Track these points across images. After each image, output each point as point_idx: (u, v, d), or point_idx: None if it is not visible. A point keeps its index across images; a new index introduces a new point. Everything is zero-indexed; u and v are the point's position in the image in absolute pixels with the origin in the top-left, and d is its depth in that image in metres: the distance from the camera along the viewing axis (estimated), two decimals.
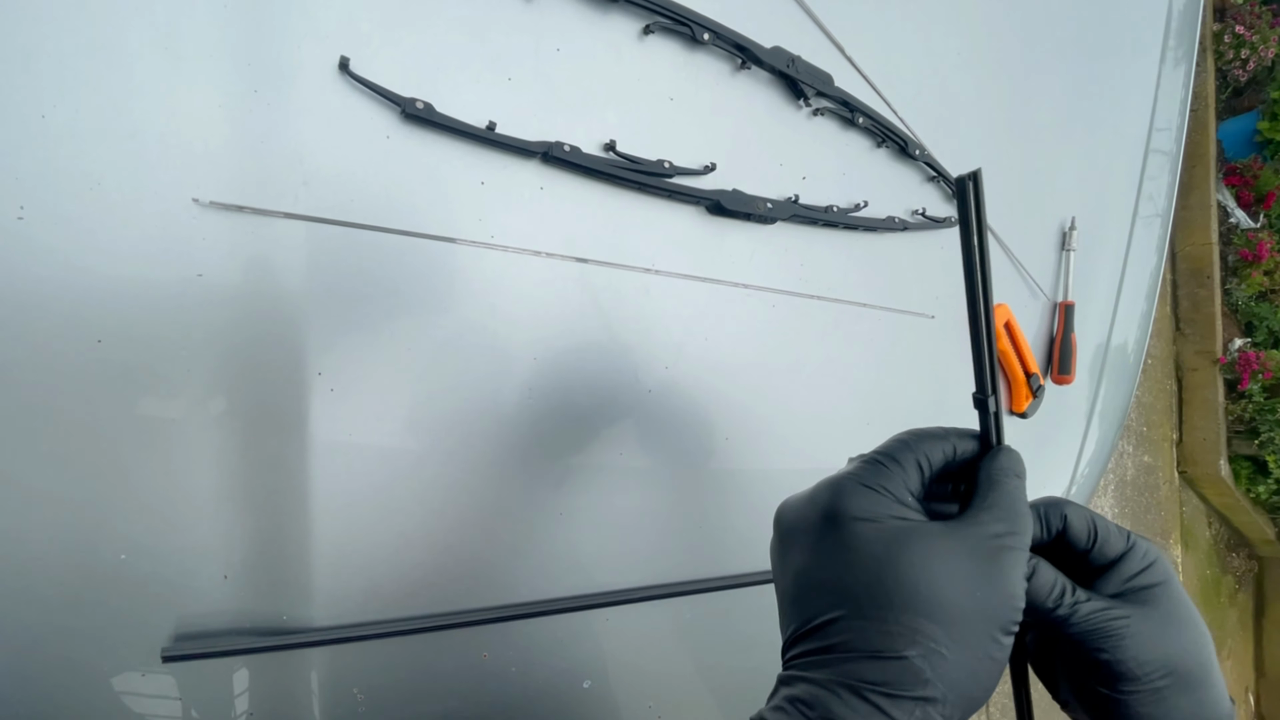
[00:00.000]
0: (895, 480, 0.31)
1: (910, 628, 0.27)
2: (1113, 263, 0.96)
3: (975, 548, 0.29)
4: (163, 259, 0.34)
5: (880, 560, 0.28)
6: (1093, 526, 0.32)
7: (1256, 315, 3.60)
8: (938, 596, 0.27)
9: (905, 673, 0.26)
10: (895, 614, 0.27)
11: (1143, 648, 0.30)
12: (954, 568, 0.28)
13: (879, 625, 0.27)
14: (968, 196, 0.29)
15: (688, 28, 0.46)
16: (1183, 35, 1.03)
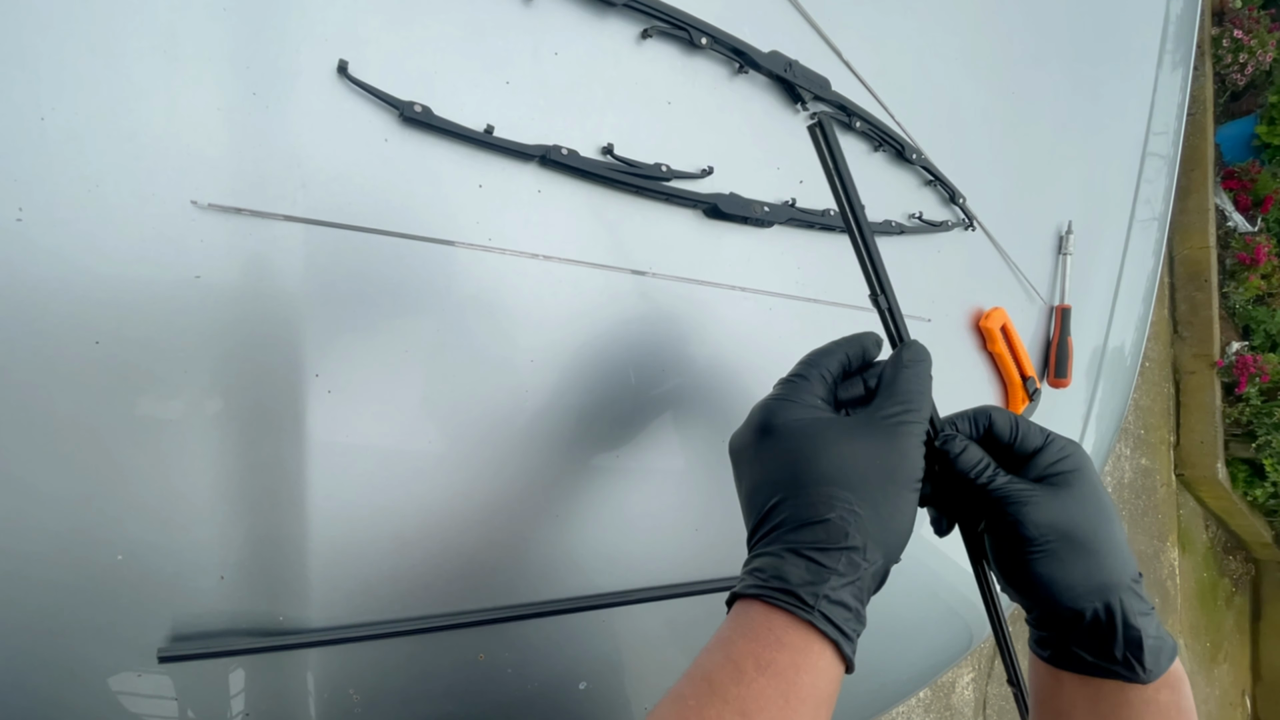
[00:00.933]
0: (805, 390, 0.38)
1: (830, 495, 0.33)
2: (1110, 266, 0.96)
3: (876, 426, 0.36)
4: (161, 261, 0.34)
5: (803, 450, 0.35)
6: (1015, 426, 0.40)
7: (1254, 319, 3.61)
8: (848, 468, 0.34)
9: (831, 530, 0.33)
10: (817, 487, 0.34)
11: (1041, 515, 0.36)
12: (859, 444, 0.35)
13: (806, 499, 0.34)
14: (818, 139, 0.37)
15: (685, 32, 0.46)
16: (1180, 39, 1.04)
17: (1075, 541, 0.36)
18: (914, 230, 0.63)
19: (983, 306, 0.73)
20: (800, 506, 0.34)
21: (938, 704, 2.38)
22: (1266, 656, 4.09)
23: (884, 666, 0.79)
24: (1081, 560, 0.36)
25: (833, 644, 0.31)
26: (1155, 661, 0.36)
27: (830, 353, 0.40)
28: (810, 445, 0.35)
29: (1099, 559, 0.37)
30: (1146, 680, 0.36)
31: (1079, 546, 0.36)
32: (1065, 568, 0.36)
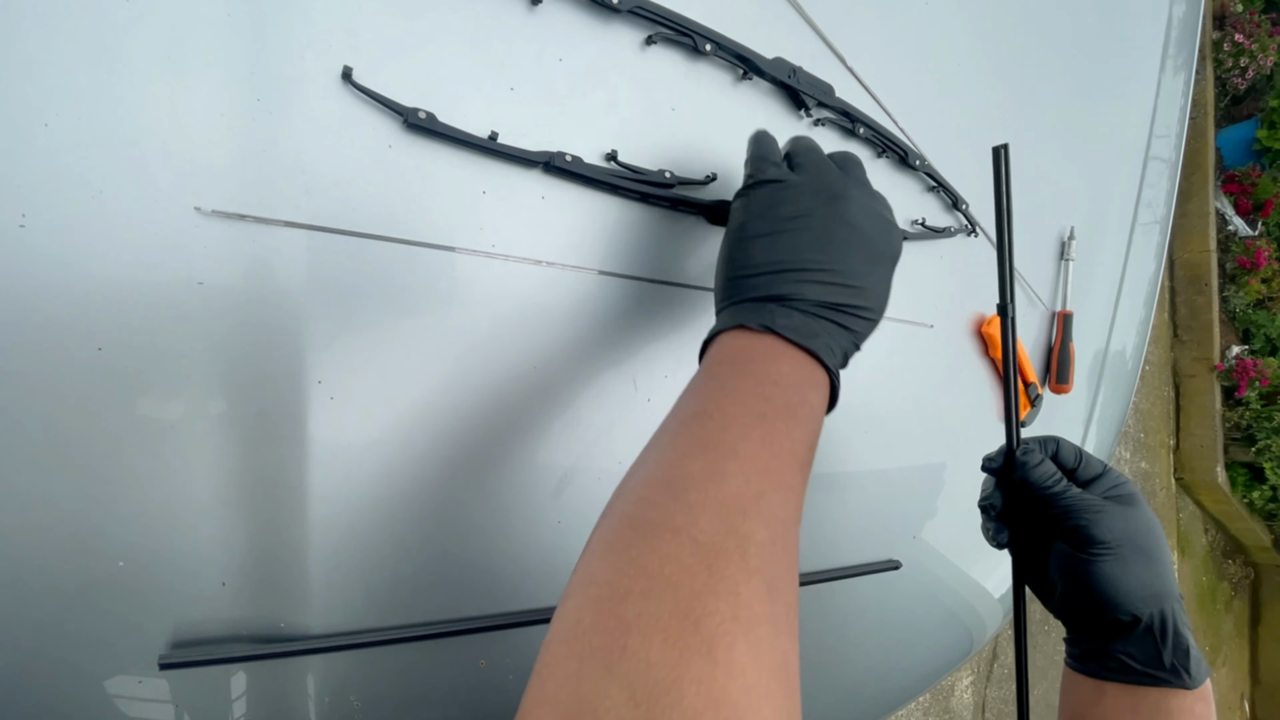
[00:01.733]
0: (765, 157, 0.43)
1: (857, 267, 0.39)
2: (1111, 270, 0.96)
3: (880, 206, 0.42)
4: (164, 267, 0.34)
5: (859, 223, 0.40)
6: (1079, 455, 0.43)
7: (1254, 323, 3.61)
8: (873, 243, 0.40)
9: (860, 295, 0.39)
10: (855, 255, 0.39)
11: (1112, 524, 0.39)
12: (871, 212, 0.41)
13: (841, 264, 0.38)
14: (999, 165, 0.43)
15: (690, 39, 0.46)
16: (1182, 43, 1.04)
17: (1139, 548, 0.39)
18: (917, 236, 0.63)
19: (985, 313, 0.73)
20: (833, 272, 0.37)
21: (936, 707, 2.38)
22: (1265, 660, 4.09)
23: (885, 671, 0.79)
24: (1143, 567, 0.39)
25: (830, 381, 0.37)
26: (1199, 671, 0.39)
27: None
28: (869, 224, 0.39)
29: (1157, 568, 0.39)
30: (1191, 687, 0.38)
31: (1142, 554, 0.39)
32: (1129, 572, 0.39)
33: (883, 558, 0.67)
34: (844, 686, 0.72)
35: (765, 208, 0.38)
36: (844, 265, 0.37)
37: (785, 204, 0.38)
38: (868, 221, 0.39)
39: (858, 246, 0.38)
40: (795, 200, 0.38)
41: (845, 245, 0.37)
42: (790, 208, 0.38)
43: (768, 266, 0.37)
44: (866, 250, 0.38)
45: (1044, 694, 2.85)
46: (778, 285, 0.37)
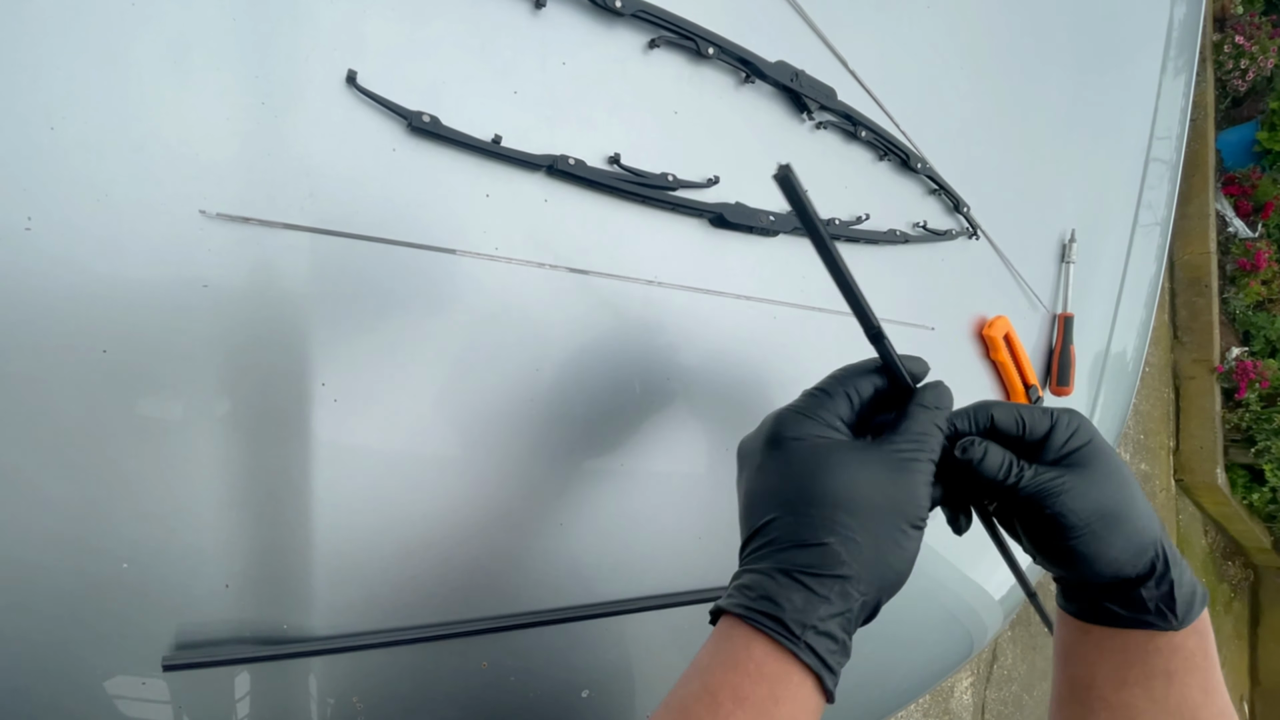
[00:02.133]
0: (826, 408, 0.36)
1: (830, 519, 0.32)
2: (1112, 271, 0.96)
3: (885, 459, 0.34)
4: (168, 269, 0.34)
5: (808, 469, 0.34)
6: (1019, 417, 0.38)
7: (1254, 324, 3.61)
8: (852, 494, 0.33)
9: (826, 555, 0.32)
10: (818, 509, 0.33)
11: (1076, 501, 0.36)
12: (866, 473, 0.34)
13: (805, 519, 0.33)
14: (789, 187, 0.34)
15: (693, 42, 0.46)
16: (1183, 45, 1.04)
17: (1110, 516, 0.37)
18: (918, 239, 0.63)
19: (986, 315, 0.73)
20: (799, 526, 0.33)
21: (936, 708, 2.38)
22: (1265, 662, 4.09)
23: (884, 673, 0.79)
24: (1119, 532, 0.37)
25: (815, 676, 0.30)
26: (1186, 611, 0.37)
27: (865, 372, 0.38)
28: (817, 465, 0.34)
29: (1132, 525, 0.37)
30: (1177, 628, 0.37)
31: (1115, 520, 0.37)
32: (1105, 543, 0.37)
33: None
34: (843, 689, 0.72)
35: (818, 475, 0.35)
36: (808, 516, 0.33)
37: (842, 482, 0.35)
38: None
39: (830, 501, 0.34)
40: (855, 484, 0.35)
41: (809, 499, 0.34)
42: (846, 489, 0.34)
43: (805, 537, 0.33)
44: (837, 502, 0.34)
45: (1045, 695, 2.85)
46: (809, 558, 0.33)
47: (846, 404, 0.37)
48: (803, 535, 0.33)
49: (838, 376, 0.39)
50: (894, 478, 0.34)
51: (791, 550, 0.32)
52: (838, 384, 0.38)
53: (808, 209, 0.34)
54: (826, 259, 0.36)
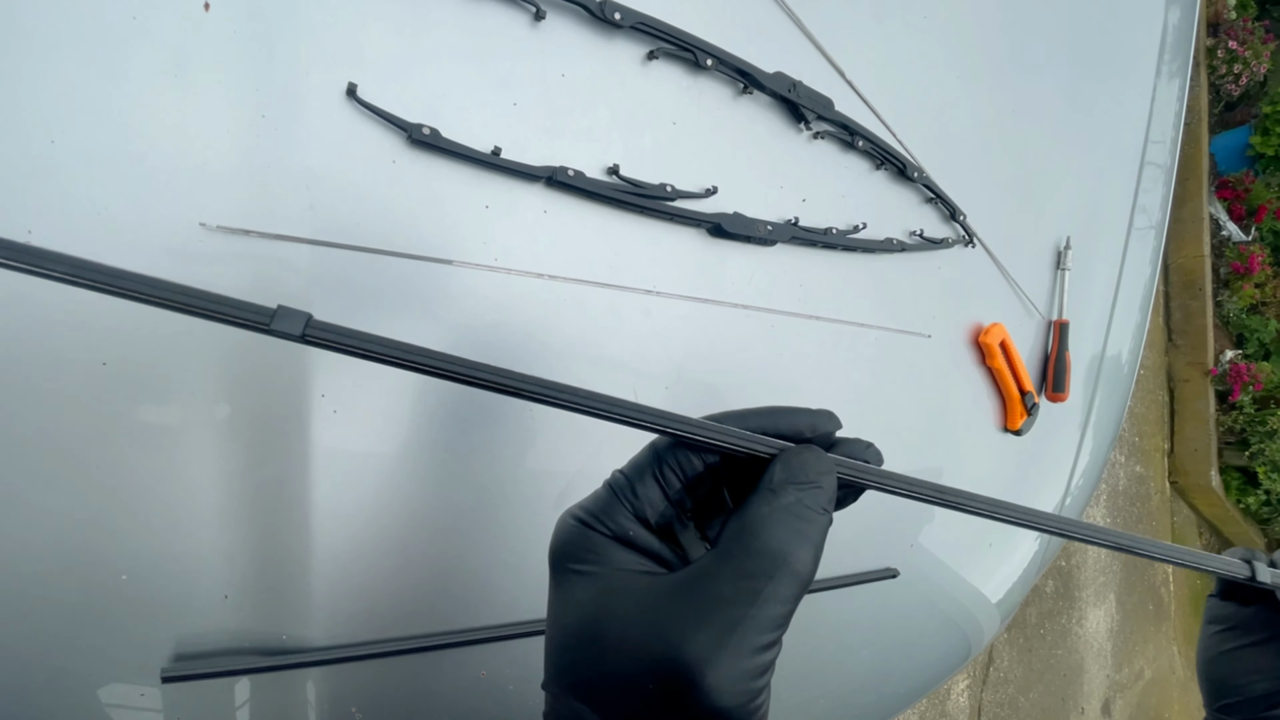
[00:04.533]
0: (620, 509, 0.25)
1: (577, 714, 0.23)
2: (1108, 275, 0.96)
3: (679, 611, 0.22)
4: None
5: (575, 624, 0.24)
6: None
7: (1247, 327, 3.63)
8: (606, 682, 0.22)
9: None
10: (567, 699, 0.23)
11: None
12: (638, 645, 0.22)
13: (554, 704, 0.24)
14: None
15: (691, 54, 0.47)
16: (1177, 50, 1.05)
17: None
18: (915, 247, 0.63)
19: (982, 322, 0.73)
20: (551, 710, 0.24)
21: (933, 710, 2.39)
22: None
23: (882, 678, 0.79)
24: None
25: None
26: None
27: (677, 447, 0.26)
28: (583, 617, 0.23)
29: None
30: None
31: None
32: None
33: (880, 566, 0.67)
34: (842, 694, 0.72)
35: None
36: (557, 701, 0.25)
37: None
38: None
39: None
40: None
41: None
42: None
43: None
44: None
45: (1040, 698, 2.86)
46: None
47: (658, 493, 0.25)
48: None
49: (654, 449, 0.26)
50: (675, 652, 0.21)
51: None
52: (647, 463, 0.26)
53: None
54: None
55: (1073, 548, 3.00)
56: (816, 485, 0.24)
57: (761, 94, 0.52)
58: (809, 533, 0.23)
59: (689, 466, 0.26)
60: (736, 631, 0.21)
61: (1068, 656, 3.00)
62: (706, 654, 0.21)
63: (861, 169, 0.59)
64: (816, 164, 0.56)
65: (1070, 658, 3.02)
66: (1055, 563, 2.94)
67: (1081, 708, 3.08)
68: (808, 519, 0.23)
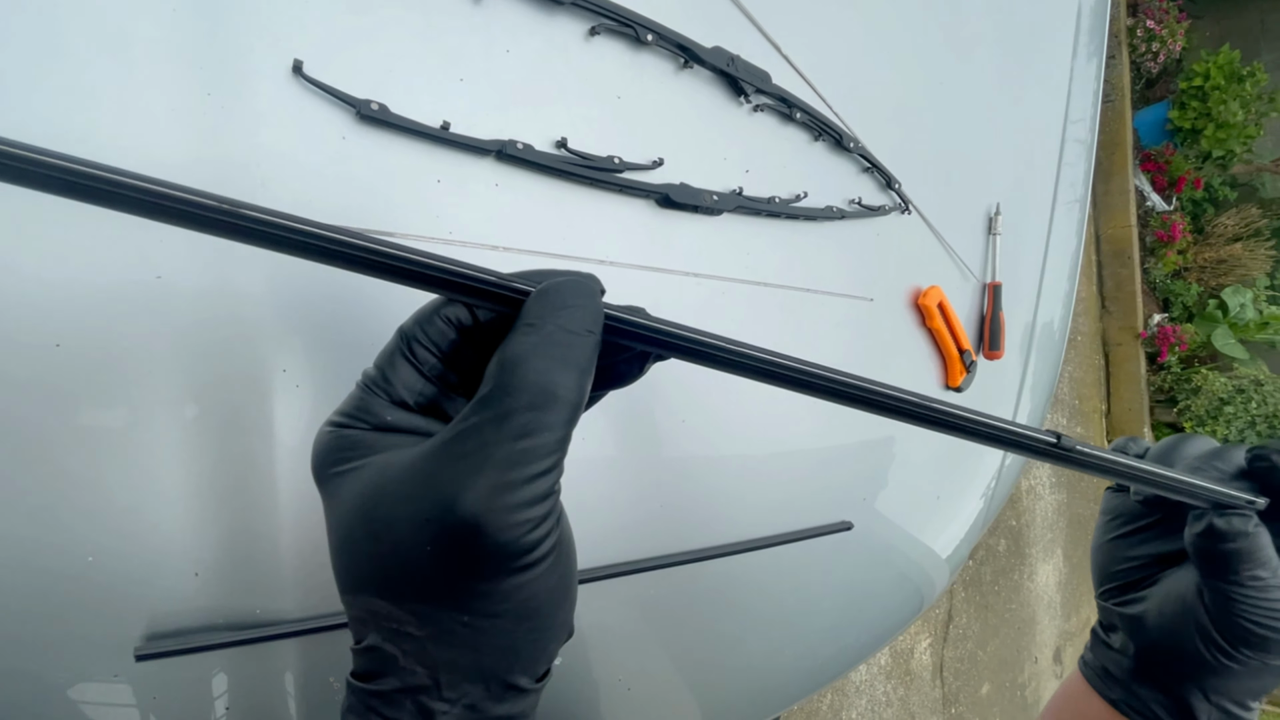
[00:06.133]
0: (375, 400, 0.25)
1: (368, 608, 0.22)
2: (1036, 245, 1.02)
3: (440, 465, 0.21)
4: (120, 261, 0.35)
5: (343, 524, 0.23)
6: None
7: (1172, 292, 3.86)
8: (384, 560, 0.22)
9: (376, 662, 0.23)
10: (352, 594, 0.23)
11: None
12: (407, 508, 0.21)
13: (348, 607, 0.24)
14: None
15: (631, 29, 0.48)
16: (1094, 31, 1.11)
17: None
18: (854, 215, 0.66)
19: (920, 285, 0.77)
20: (349, 616, 0.24)
21: (898, 669, 2.49)
22: None
23: (841, 631, 0.83)
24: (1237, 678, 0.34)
25: None
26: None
27: (430, 312, 0.26)
28: (352, 514, 0.23)
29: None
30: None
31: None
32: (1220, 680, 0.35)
33: (834, 520, 0.71)
34: (803, 645, 0.76)
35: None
36: (349, 604, 0.24)
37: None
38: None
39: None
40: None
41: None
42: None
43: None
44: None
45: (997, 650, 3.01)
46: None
47: (412, 373, 0.25)
48: (353, 631, 0.24)
49: (398, 332, 0.26)
50: (446, 500, 0.21)
51: (353, 655, 0.24)
52: (395, 347, 0.25)
53: None
54: None
55: (1021, 507, 3.16)
56: (577, 307, 0.23)
57: (702, 68, 0.54)
58: (572, 357, 0.22)
59: (441, 338, 0.25)
60: (503, 468, 0.20)
61: (1021, 610, 3.17)
62: (475, 497, 0.20)
63: (801, 140, 0.62)
64: (758, 136, 0.59)
65: (1023, 611, 3.18)
66: (1006, 522, 3.09)
67: (1035, 657, 3.26)
68: (569, 344, 0.22)
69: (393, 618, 0.22)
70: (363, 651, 0.23)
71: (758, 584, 0.66)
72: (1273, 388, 3.35)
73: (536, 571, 0.22)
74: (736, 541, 0.60)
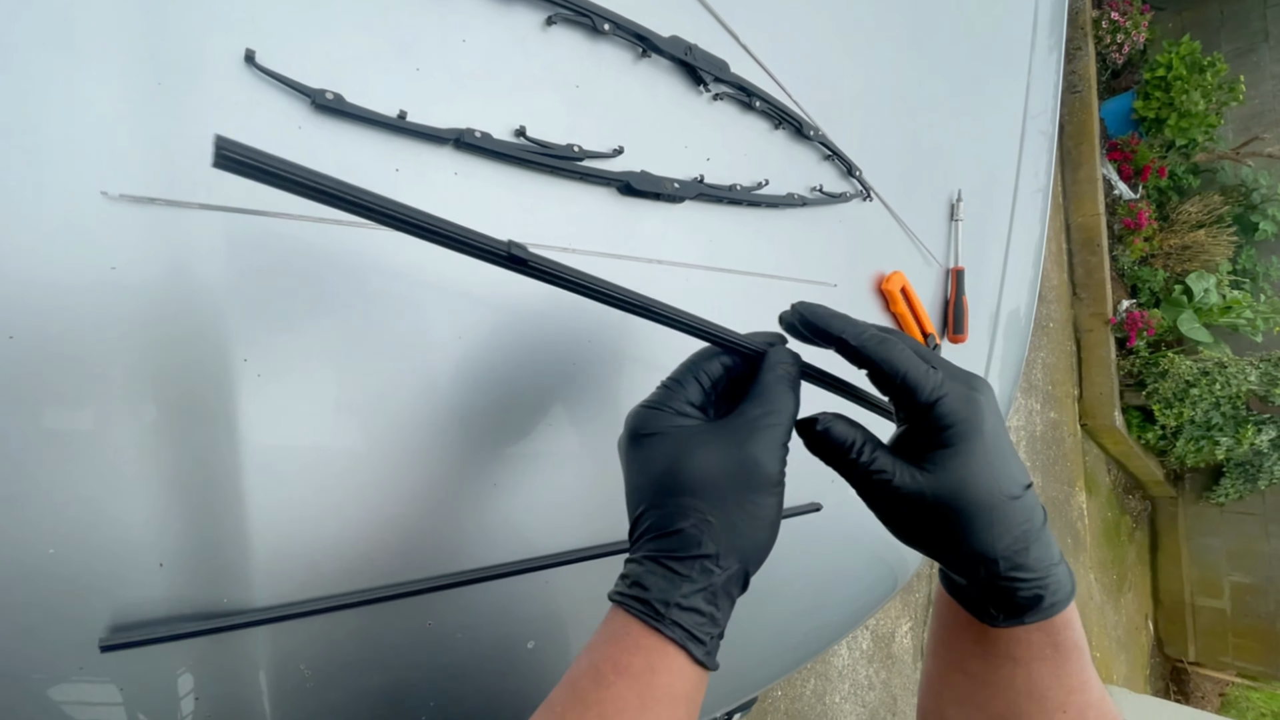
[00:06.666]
0: (677, 397, 0.40)
1: (684, 506, 0.36)
2: (999, 232, 1.05)
3: (732, 434, 0.37)
4: (74, 253, 0.35)
5: (663, 460, 0.37)
6: (901, 372, 0.37)
7: (1140, 278, 3.95)
8: (702, 477, 0.36)
9: (684, 540, 0.35)
10: (673, 499, 0.36)
11: (901, 500, 0.38)
12: (715, 452, 0.36)
13: (665, 509, 0.36)
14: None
15: (588, 18, 0.49)
16: (1053, 24, 1.14)
17: (944, 519, 0.37)
18: (816, 202, 0.68)
19: (883, 271, 0.79)
20: (660, 516, 0.36)
21: (880, 653, 2.53)
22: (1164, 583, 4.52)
23: (817, 611, 0.85)
24: (948, 535, 0.37)
25: (684, 649, 0.34)
26: (1019, 614, 0.38)
27: (709, 355, 0.42)
28: (669, 455, 0.37)
29: (970, 532, 0.37)
30: (998, 625, 0.39)
31: (948, 523, 0.37)
32: (927, 542, 0.39)
33: (804, 501, 0.72)
34: (780, 624, 0.78)
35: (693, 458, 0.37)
36: (666, 507, 0.36)
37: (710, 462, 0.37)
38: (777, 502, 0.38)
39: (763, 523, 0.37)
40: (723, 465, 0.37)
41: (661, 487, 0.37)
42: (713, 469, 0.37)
43: (680, 523, 0.36)
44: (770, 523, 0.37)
45: None
46: (683, 541, 0.36)
47: (697, 388, 0.40)
48: (663, 524, 0.36)
49: (687, 363, 0.42)
50: (738, 450, 0.36)
51: (657, 539, 0.36)
52: (687, 371, 0.41)
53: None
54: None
55: None
56: (789, 364, 0.41)
57: (660, 57, 0.54)
58: (790, 387, 0.40)
59: (715, 371, 0.41)
60: (772, 435, 0.37)
61: None
62: (758, 446, 0.37)
63: (761, 128, 0.63)
64: (718, 124, 0.60)
65: None
66: None
67: None
68: (789, 378, 0.40)
69: (700, 510, 0.35)
70: (673, 534, 0.35)
71: None
72: (1235, 369, 3.45)
73: (779, 494, 0.38)
74: None
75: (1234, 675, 4.24)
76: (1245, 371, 3.42)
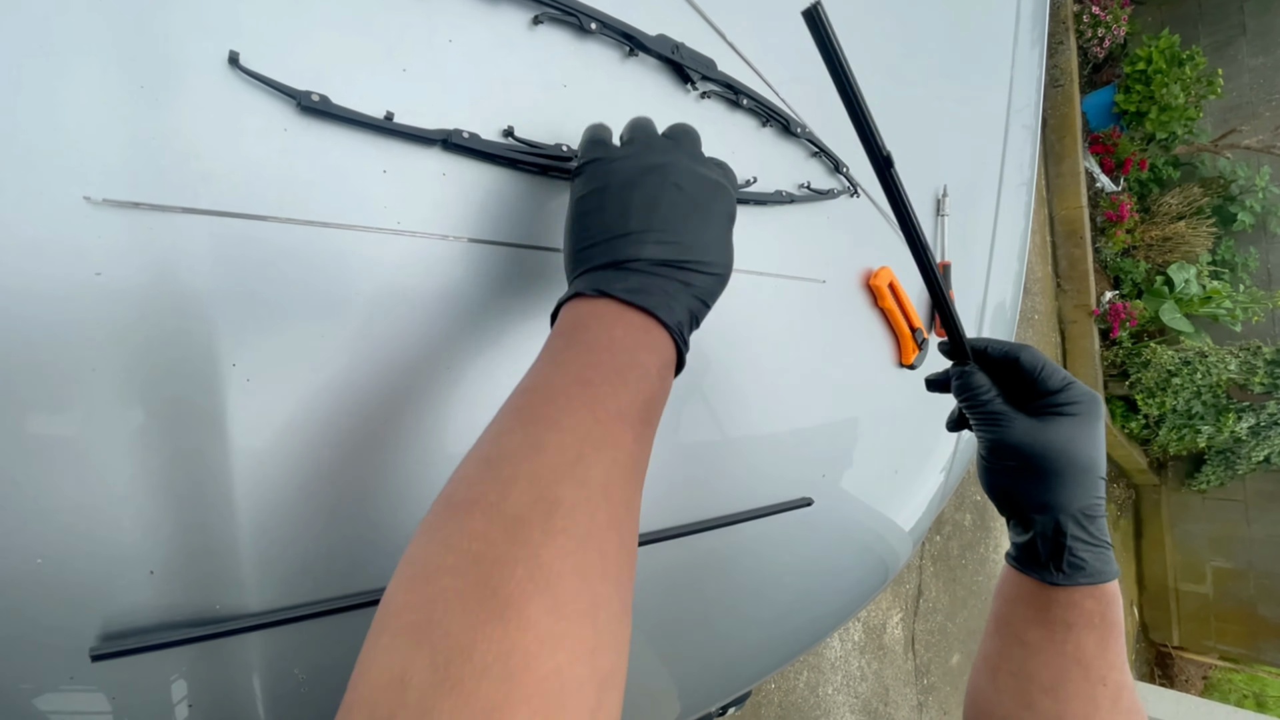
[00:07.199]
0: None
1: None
2: (984, 226, 1.06)
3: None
4: (57, 259, 0.34)
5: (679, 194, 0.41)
6: (1040, 366, 0.46)
7: (1122, 270, 4.00)
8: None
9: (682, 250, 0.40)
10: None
11: (1012, 438, 0.45)
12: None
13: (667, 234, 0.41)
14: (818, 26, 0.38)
15: (575, 17, 0.49)
16: (1035, 19, 1.15)
17: (1034, 467, 0.44)
18: (804, 199, 0.68)
19: (871, 266, 0.79)
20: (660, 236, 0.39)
21: (871, 644, 2.56)
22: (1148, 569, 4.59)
23: (809, 604, 0.85)
24: (1038, 485, 0.45)
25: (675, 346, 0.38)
26: (1075, 574, 0.44)
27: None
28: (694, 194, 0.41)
29: (1048, 485, 0.44)
30: (1058, 584, 0.45)
31: (1037, 471, 0.44)
32: (1018, 488, 0.46)
33: (795, 496, 0.73)
34: (772, 618, 0.78)
35: (595, 182, 0.41)
36: (674, 224, 0.39)
37: (613, 175, 0.40)
38: (694, 184, 0.41)
39: (687, 207, 0.40)
40: (622, 171, 0.40)
41: (674, 206, 0.39)
42: (618, 178, 0.40)
43: (602, 235, 0.39)
44: (696, 210, 0.40)
45: (966, 621, 3.10)
46: (614, 251, 0.38)
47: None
48: (670, 236, 0.40)
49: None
50: (718, 189, 0.43)
51: (662, 245, 0.39)
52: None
53: (833, 46, 0.41)
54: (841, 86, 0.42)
55: None
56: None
57: (647, 56, 0.54)
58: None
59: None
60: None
61: (988, 581, 3.27)
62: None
63: (748, 126, 0.64)
64: (705, 123, 0.60)
65: (990, 582, 3.29)
66: (971, 498, 3.19)
67: None
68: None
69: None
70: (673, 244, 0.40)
71: (721, 560, 0.67)
72: (1216, 359, 3.50)
73: (730, 222, 0.45)
74: (698, 520, 0.62)
75: (1216, 659, 4.32)
76: (1225, 361, 3.48)
